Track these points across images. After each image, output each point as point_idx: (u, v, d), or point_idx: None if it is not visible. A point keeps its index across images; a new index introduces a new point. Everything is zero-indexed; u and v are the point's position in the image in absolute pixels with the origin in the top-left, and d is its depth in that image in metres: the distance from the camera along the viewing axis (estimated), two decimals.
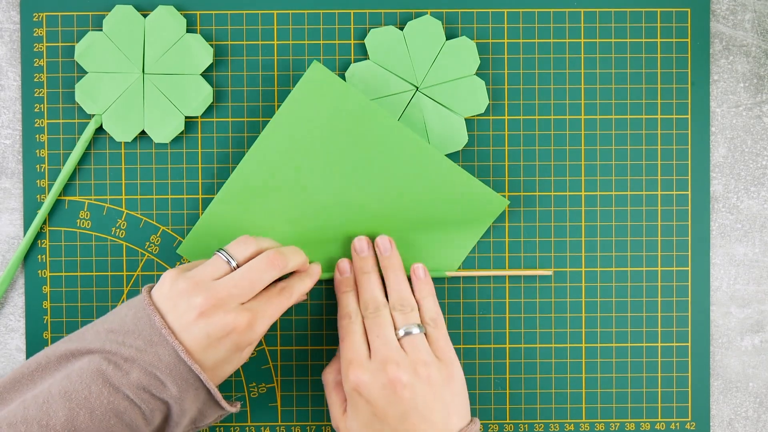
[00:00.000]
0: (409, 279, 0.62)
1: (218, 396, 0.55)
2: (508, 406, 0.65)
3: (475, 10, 0.64)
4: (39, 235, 0.64)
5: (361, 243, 0.62)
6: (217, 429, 0.65)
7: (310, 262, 0.62)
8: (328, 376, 0.61)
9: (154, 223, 0.64)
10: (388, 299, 0.61)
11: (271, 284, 0.58)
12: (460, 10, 0.64)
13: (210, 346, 0.54)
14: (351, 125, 0.61)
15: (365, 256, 0.62)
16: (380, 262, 0.62)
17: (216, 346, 0.55)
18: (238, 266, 0.57)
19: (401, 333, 0.58)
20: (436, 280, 0.64)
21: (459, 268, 0.64)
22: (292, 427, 0.65)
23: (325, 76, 0.61)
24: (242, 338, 0.55)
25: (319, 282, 0.64)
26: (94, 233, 0.64)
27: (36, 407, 0.52)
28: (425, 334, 0.59)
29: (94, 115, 0.63)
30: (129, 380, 0.53)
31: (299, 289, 0.59)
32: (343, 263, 0.62)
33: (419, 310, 0.61)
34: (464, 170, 0.62)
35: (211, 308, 0.54)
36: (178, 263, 0.64)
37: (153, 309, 0.54)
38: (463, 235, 0.64)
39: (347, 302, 0.61)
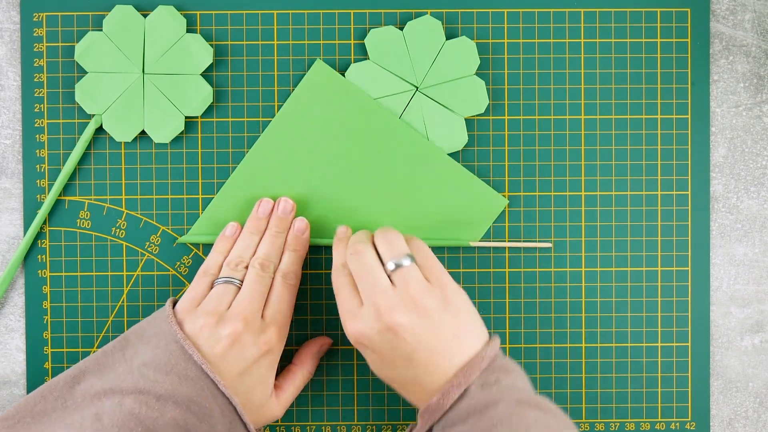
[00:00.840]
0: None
1: (251, 427, 0.56)
2: None
3: (475, 10, 0.64)
4: (39, 235, 0.64)
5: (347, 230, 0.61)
6: None
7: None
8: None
9: (154, 223, 0.64)
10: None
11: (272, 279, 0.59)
12: (460, 10, 0.64)
13: (247, 369, 0.55)
14: (353, 122, 0.62)
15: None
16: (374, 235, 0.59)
17: (252, 369, 0.56)
18: (241, 282, 0.58)
19: (391, 266, 0.55)
20: None
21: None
22: (292, 427, 0.65)
23: (328, 73, 0.62)
24: (277, 350, 0.57)
25: (319, 281, 0.64)
26: (94, 233, 0.64)
27: None
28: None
29: (94, 115, 0.63)
30: (164, 420, 0.52)
31: (296, 272, 0.60)
32: (341, 227, 0.60)
33: (409, 247, 0.57)
34: (465, 168, 0.63)
35: (241, 333, 0.55)
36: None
37: (190, 344, 0.54)
38: (463, 237, 0.64)
39: (337, 256, 0.58)
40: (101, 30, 0.63)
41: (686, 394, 0.65)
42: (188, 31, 0.64)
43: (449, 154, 0.64)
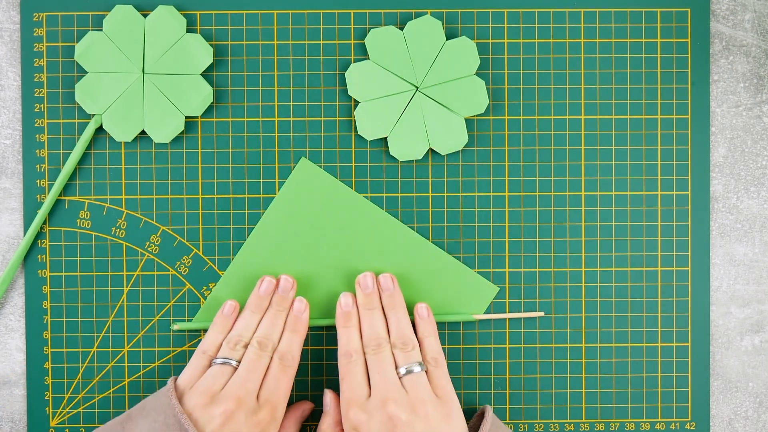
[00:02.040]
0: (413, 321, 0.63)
1: None
2: (508, 406, 0.65)
3: (475, 10, 0.64)
4: (39, 234, 0.64)
5: (365, 279, 0.63)
6: None
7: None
8: (326, 429, 0.61)
9: (154, 223, 0.64)
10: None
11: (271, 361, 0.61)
12: (460, 10, 0.64)
13: None
14: (340, 218, 0.64)
15: (370, 293, 0.62)
16: (382, 300, 0.62)
17: None
18: (238, 362, 0.59)
19: (402, 371, 0.59)
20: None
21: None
22: None
23: (313, 171, 0.63)
24: (270, 427, 0.58)
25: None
26: (94, 233, 0.64)
27: None
28: (426, 372, 0.60)
29: (94, 115, 0.63)
30: None
31: (293, 353, 0.60)
32: (345, 297, 0.62)
33: (421, 348, 0.61)
34: (454, 258, 0.64)
35: (234, 412, 0.56)
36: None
37: (185, 417, 0.56)
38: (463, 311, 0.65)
39: (349, 338, 0.61)
40: (101, 30, 0.63)
41: (686, 394, 0.65)
42: (188, 31, 0.64)
43: (450, 154, 0.64)
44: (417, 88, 0.63)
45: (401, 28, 0.64)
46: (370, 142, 0.64)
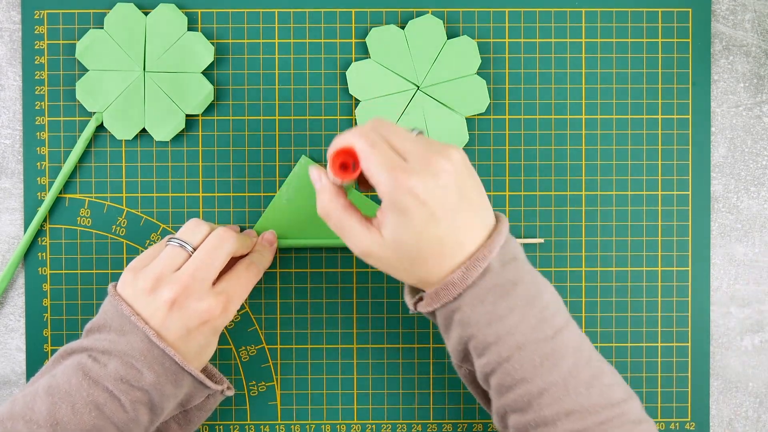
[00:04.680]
0: None
1: (200, 376, 0.55)
2: None
3: (476, 10, 0.64)
4: (39, 232, 0.64)
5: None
6: (217, 428, 0.65)
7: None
8: (329, 203, 0.53)
9: (155, 221, 0.64)
10: None
11: (237, 262, 0.59)
12: (461, 9, 0.64)
13: (189, 335, 0.55)
14: None
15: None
16: None
17: (194, 335, 0.55)
18: (194, 250, 0.56)
19: (414, 134, 0.53)
20: None
21: None
22: (292, 426, 0.65)
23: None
24: (219, 322, 0.55)
25: (319, 280, 0.64)
26: (94, 231, 0.64)
27: (22, 404, 0.53)
28: None
29: (94, 113, 0.63)
30: (107, 372, 0.53)
31: (263, 263, 0.60)
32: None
33: None
34: None
35: (181, 298, 0.54)
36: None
37: (119, 299, 0.54)
38: None
39: (357, 133, 0.52)
40: (102, 28, 0.63)
41: (686, 394, 0.65)
42: (189, 29, 0.64)
43: None
44: (418, 87, 0.63)
45: (402, 27, 0.64)
46: None
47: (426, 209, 0.50)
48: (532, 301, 0.52)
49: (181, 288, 0.54)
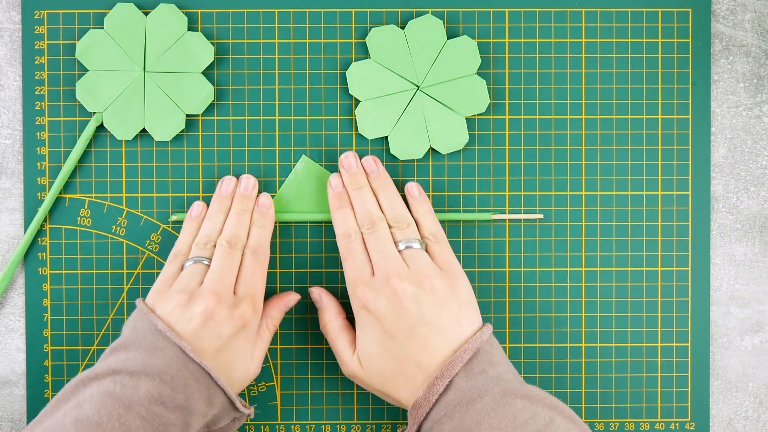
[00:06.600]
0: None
1: (232, 395, 0.55)
2: None
3: (476, 10, 0.64)
4: (39, 232, 0.64)
5: (348, 160, 0.61)
6: None
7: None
8: (328, 324, 0.60)
9: (155, 221, 0.64)
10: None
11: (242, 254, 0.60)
12: (461, 10, 0.64)
13: (223, 349, 0.55)
14: None
15: (354, 172, 0.61)
16: (371, 183, 0.61)
17: (229, 345, 0.55)
18: (209, 260, 0.58)
19: (401, 246, 0.58)
20: None
21: None
22: (292, 426, 0.65)
23: (314, 169, 0.63)
24: (252, 325, 0.57)
25: (319, 280, 0.64)
26: (94, 231, 0.64)
27: None
28: (426, 250, 0.58)
29: (94, 113, 0.63)
30: (139, 396, 0.51)
31: (263, 248, 0.60)
32: (335, 178, 0.61)
33: (418, 227, 0.60)
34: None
35: (214, 309, 0.55)
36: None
37: (153, 315, 0.55)
38: None
39: (343, 220, 0.60)
40: (102, 28, 0.63)
41: (686, 395, 0.65)
42: (189, 29, 0.64)
43: (450, 153, 0.64)
44: (418, 87, 0.63)
45: (402, 27, 0.64)
46: (370, 141, 0.64)
47: (380, 326, 0.55)
48: (498, 410, 0.52)
49: (214, 299, 0.55)
